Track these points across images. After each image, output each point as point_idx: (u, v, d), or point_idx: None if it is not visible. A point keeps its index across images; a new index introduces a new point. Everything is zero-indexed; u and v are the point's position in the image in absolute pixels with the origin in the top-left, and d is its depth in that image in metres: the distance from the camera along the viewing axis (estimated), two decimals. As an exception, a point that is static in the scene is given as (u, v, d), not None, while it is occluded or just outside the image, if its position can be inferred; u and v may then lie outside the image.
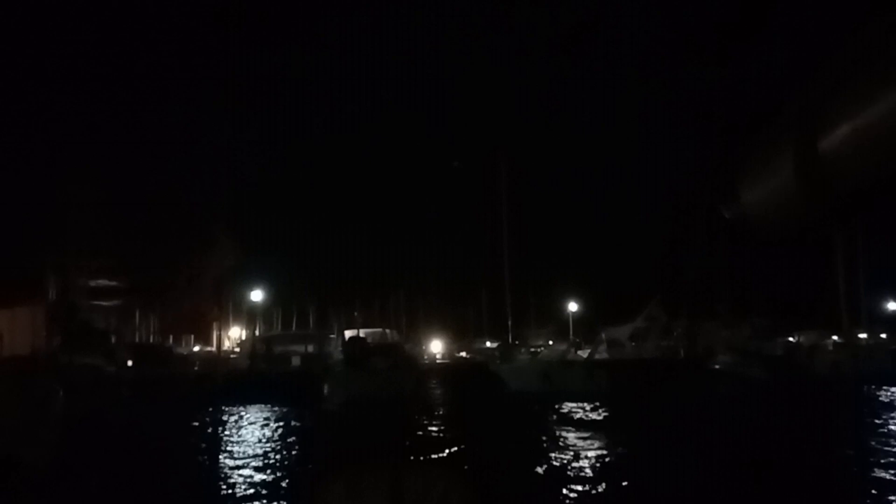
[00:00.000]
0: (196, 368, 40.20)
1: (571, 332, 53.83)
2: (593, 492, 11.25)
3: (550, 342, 49.67)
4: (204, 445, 17.50)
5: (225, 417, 22.93)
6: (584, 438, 17.17)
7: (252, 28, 65.98)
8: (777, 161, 2.07)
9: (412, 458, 14.39)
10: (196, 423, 21.26)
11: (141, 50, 66.47)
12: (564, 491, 11.28)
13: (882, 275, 51.11)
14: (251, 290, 52.99)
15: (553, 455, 14.85)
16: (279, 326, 61.29)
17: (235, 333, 61.49)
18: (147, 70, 68.52)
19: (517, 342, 44.86)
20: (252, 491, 11.47)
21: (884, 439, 16.33)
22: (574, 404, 25.02)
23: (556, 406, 24.43)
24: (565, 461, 13.92)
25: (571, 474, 12.53)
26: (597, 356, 38.30)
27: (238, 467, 13.79)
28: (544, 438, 17.49)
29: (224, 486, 11.89)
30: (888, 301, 56.89)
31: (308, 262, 60.28)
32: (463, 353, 57.36)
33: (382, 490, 2.08)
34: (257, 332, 54.48)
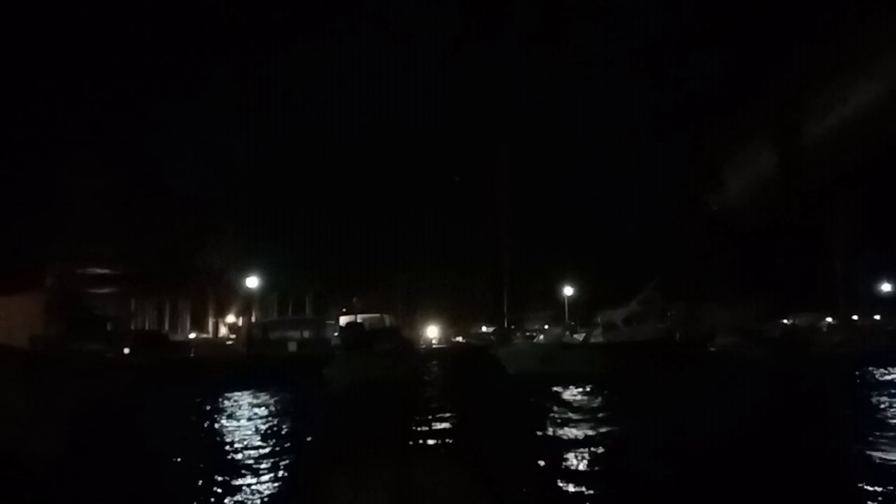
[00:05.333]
0: (192, 355, 40.27)
1: (567, 316, 53.99)
2: (592, 479, 11.32)
3: (546, 326, 49.82)
4: (204, 434, 17.52)
5: (224, 404, 22.98)
6: (581, 422, 17.28)
7: (253, 24, 65.53)
8: (759, 151, 2.10)
9: (413, 445, 14.45)
10: (195, 411, 21.31)
11: (139, 42, 65.94)
12: (563, 478, 11.35)
13: (876, 257, 51.28)
14: (247, 277, 52.99)
15: (551, 440, 14.93)
16: (276, 312, 61.31)
17: (232, 320, 61.51)
18: (145, 61, 68.00)
19: (513, 326, 45.01)
20: (254, 480, 11.49)
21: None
22: (570, 387, 25.15)
23: (553, 389, 24.54)
24: (563, 446, 14.00)
25: (569, 460, 12.61)
26: (592, 339, 38.47)
27: (239, 456, 13.82)
28: (542, 423, 17.55)
29: (226, 476, 11.88)
30: (882, 283, 57.11)
31: (305, 248, 60.09)
32: (459, 338, 57.45)
33: (385, 479, 2.13)
34: (254, 319, 54.46)
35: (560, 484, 10.98)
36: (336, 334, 41.51)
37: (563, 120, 75.47)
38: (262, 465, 12.55)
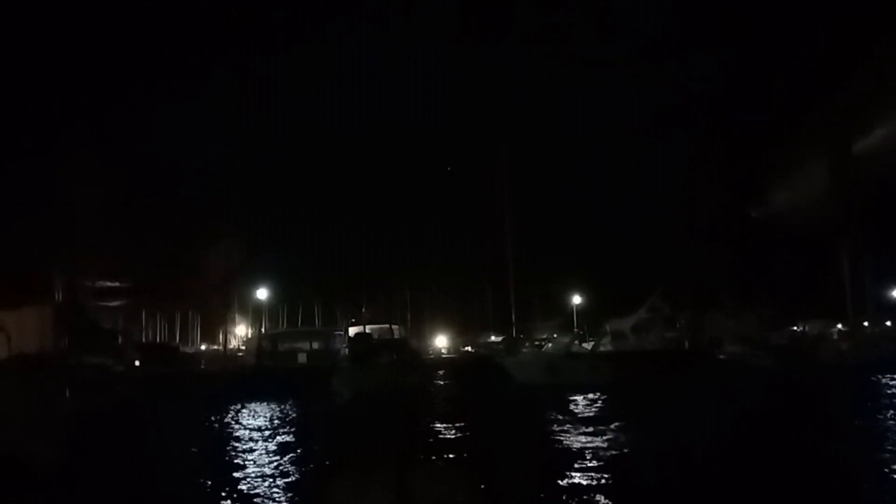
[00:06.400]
0: (202, 366, 40.43)
1: (575, 325, 53.83)
2: (598, 485, 11.32)
3: (555, 335, 49.71)
4: (211, 443, 17.59)
5: (232, 415, 23.06)
6: (589, 432, 17.25)
7: (253, 26, 65.86)
8: (810, 163, 2.16)
9: (418, 453, 14.46)
10: (202, 421, 21.40)
11: (142, 49, 66.38)
12: (569, 486, 11.35)
13: (886, 263, 50.87)
14: (257, 288, 53.16)
15: (557, 450, 14.90)
16: (285, 324, 61.47)
17: (241, 331, 61.72)
18: (150, 67, 68.45)
19: (522, 336, 44.87)
20: (259, 487, 11.54)
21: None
22: (579, 397, 25.10)
23: (561, 399, 24.49)
24: (569, 456, 13.97)
25: (575, 469, 12.59)
26: (601, 348, 38.38)
27: (245, 463, 13.88)
28: (549, 433, 17.53)
29: (231, 483, 11.95)
30: (892, 289, 56.65)
31: (313, 259, 60.34)
32: (468, 348, 57.37)
33: (388, 486, 2.19)
34: (263, 330, 54.64)
35: (565, 489, 11.01)
36: (345, 345, 41.52)
37: (564, 120, 75.61)
38: (263, 470, 12.63)
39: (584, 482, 11.38)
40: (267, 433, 18.42)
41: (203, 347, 56.76)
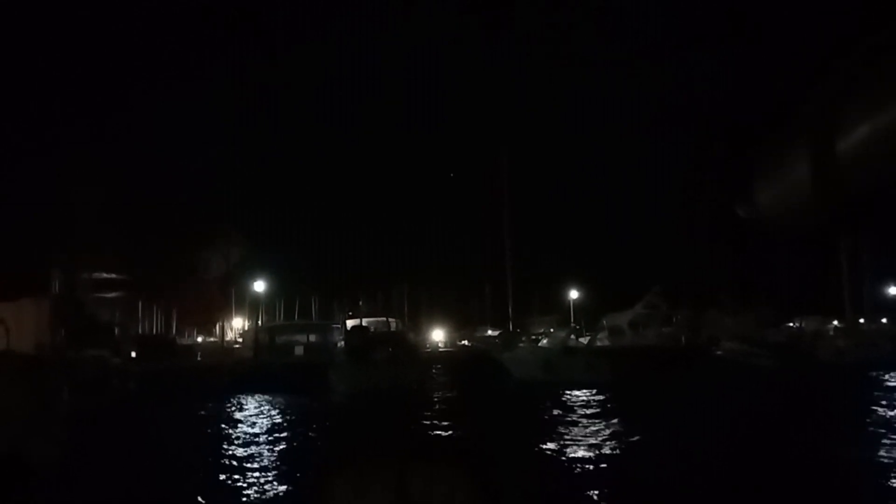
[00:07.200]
0: (199, 359, 40.36)
1: (572, 320, 53.89)
2: (596, 484, 11.34)
3: (552, 329, 49.75)
4: (207, 439, 17.57)
5: (229, 409, 23.04)
6: (586, 426, 17.28)
7: (253, 26, 65.84)
8: (793, 162, 2.14)
9: (416, 450, 14.42)
10: (199, 416, 21.38)
11: (142, 46, 66.27)
12: (568, 484, 11.37)
13: (882, 260, 51.02)
14: (254, 281, 53.07)
15: (555, 447, 14.92)
16: (282, 316, 61.38)
17: (238, 324, 61.64)
18: (150, 66, 68.29)
19: (519, 330, 44.88)
20: (257, 485, 11.54)
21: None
22: (575, 392, 25.10)
23: (557, 393, 24.49)
24: (567, 453, 14.00)
25: (573, 467, 12.62)
26: (598, 343, 38.39)
27: (243, 460, 13.87)
28: (545, 428, 17.54)
29: (229, 481, 11.96)
30: (889, 286, 56.80)
31: (312, 252, 60.36)
32: (464, 342, 57.42)
33: (387, 484, 2.14)
34: (260, 323, 54.53)
35: (563, 487, 11.03)
36: (341, 338, 41.39)
37: (564, 120, 75.75)
38: (262, 468, 12.64)
39: (582, 479, 11.42)
40: (264, 429, 18.43)
41: (200, 339, 56.68)
